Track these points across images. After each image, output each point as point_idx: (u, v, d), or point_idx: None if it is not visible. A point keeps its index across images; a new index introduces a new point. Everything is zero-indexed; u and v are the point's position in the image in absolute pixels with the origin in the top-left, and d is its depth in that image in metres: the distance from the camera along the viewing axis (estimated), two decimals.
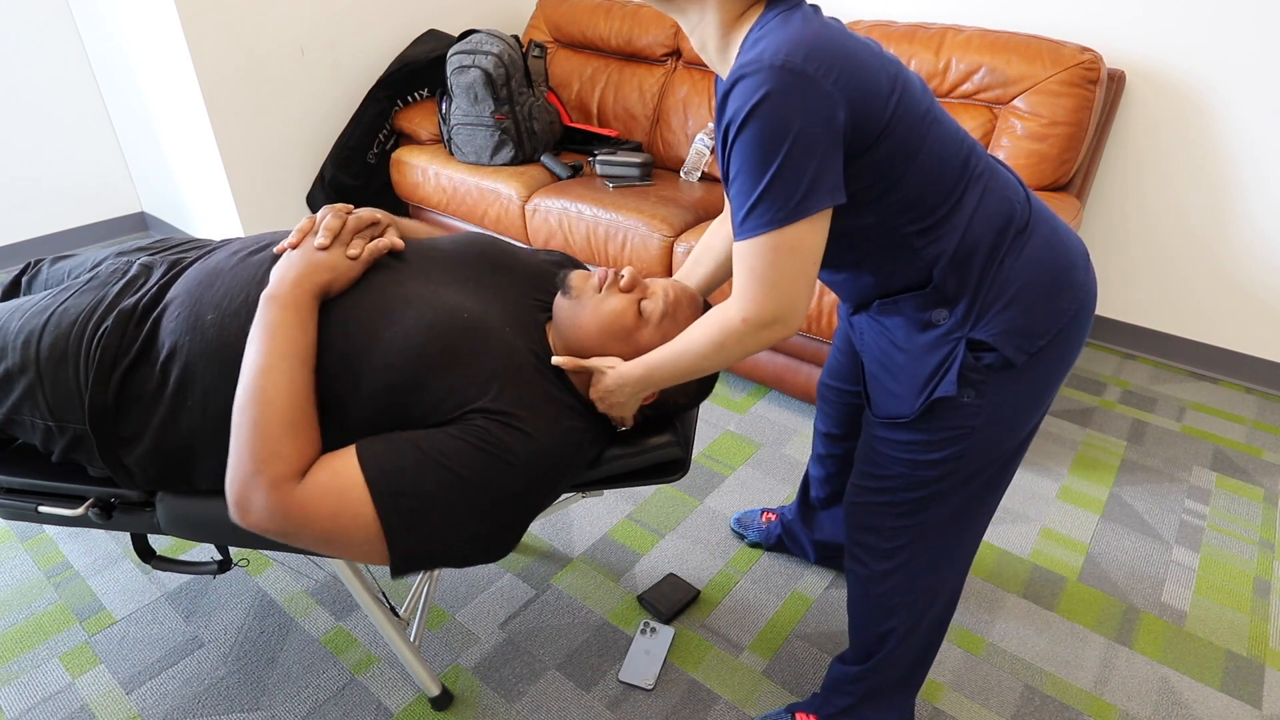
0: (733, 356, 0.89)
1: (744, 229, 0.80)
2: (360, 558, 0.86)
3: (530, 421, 0.90)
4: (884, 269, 0.91)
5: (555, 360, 0.99)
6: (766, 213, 0.77)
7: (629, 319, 1.00)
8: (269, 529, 0.83)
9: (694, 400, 1.10)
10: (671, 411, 1.10)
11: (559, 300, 1.03)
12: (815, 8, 0.82)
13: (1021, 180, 0.95)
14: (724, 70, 0.88)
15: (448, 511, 0.85)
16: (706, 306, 1.07)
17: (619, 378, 0.97)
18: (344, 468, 0.84)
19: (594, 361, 0.99)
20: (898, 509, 1.02)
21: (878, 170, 0.81)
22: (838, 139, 0.76)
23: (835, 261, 0.94)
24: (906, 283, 0.91)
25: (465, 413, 0.89)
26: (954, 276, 0.88)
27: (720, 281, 1.20)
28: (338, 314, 0.93)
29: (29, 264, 1.28)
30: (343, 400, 0.90)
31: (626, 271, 1.02)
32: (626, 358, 1.00)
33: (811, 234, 0.79)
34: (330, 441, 0.90)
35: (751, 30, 0.81)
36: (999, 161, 0.95)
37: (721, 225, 1.18)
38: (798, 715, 1.24)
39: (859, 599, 1.14)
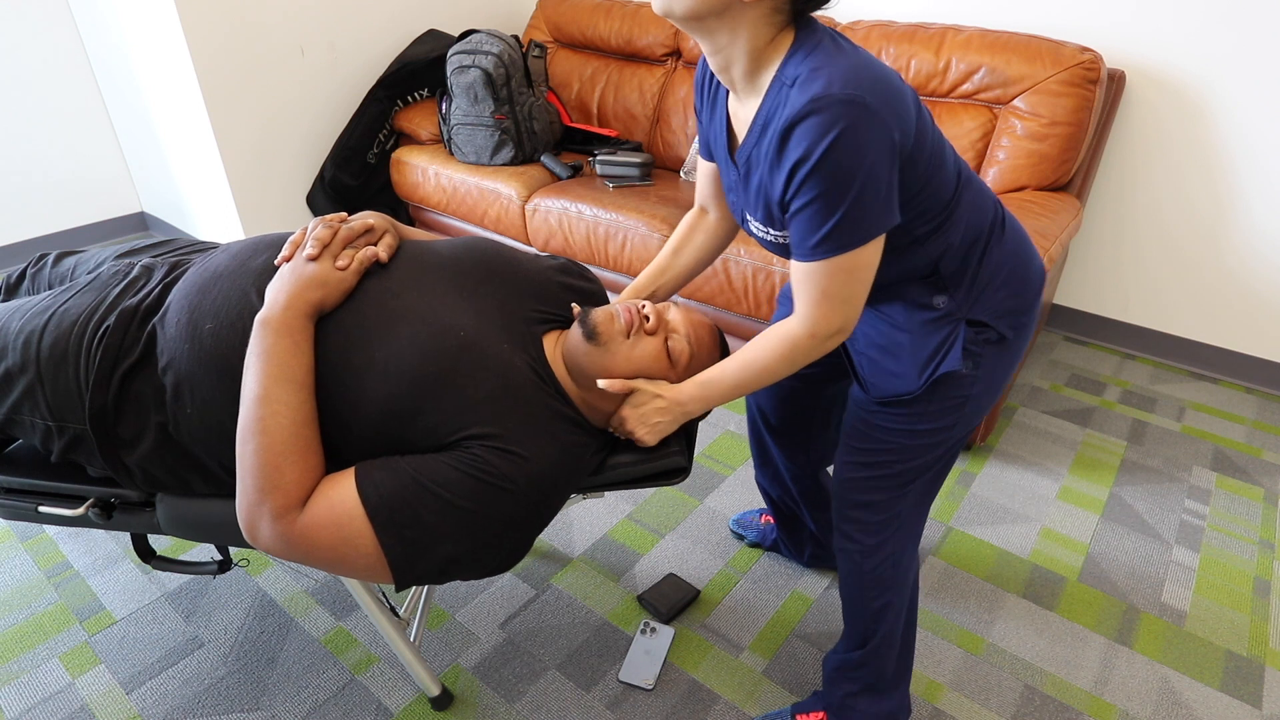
0: (797, 367, 0.95)
1: (814, 253, 0.85)
2: (365, 579, 0.87)
3: (529, 444, 0.90)
4: (893, 264, 0.95)
5: (601, 383, 0.98)
6: (843, 237, 0.83)
7: (661, 363, 1.01)
8: (277, 554, 0.85)
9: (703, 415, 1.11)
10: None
11: (581, 344, 1.00)
12: (833, 35, 0.85)
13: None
14: (748, 91, 0.89)
15: (449, 540, 0.86)
16: (721, 338, 1.09)
17: (672, 402, 0.99)
18: (344, 498, 0.84)
19: (641, 383, 1.00)
20: (891, 481, 1.07)
21: (907, 183, 0.86)
22: (896, 164, 0.82)
23: None
24: (911, 274, 0.97)
25: (463, 439, 0.88)
26: (954, 266, 0.96)
27: (698, 272, 1.24)
28: (333, 332, 0.92)
29: (35, 258, 1.28)
30: (343, 420, 0.90)
31: (650, 312, 1.01)
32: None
33: (874, 254, 0.86)
34: (333, 460, 0.90)
35: (792, 58, 0.83)
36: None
37: (701, 218, 1.21)
38: (799, 717, 1.24)
39: (852, 577, 1.16)
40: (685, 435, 1.13)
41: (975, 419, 1.04)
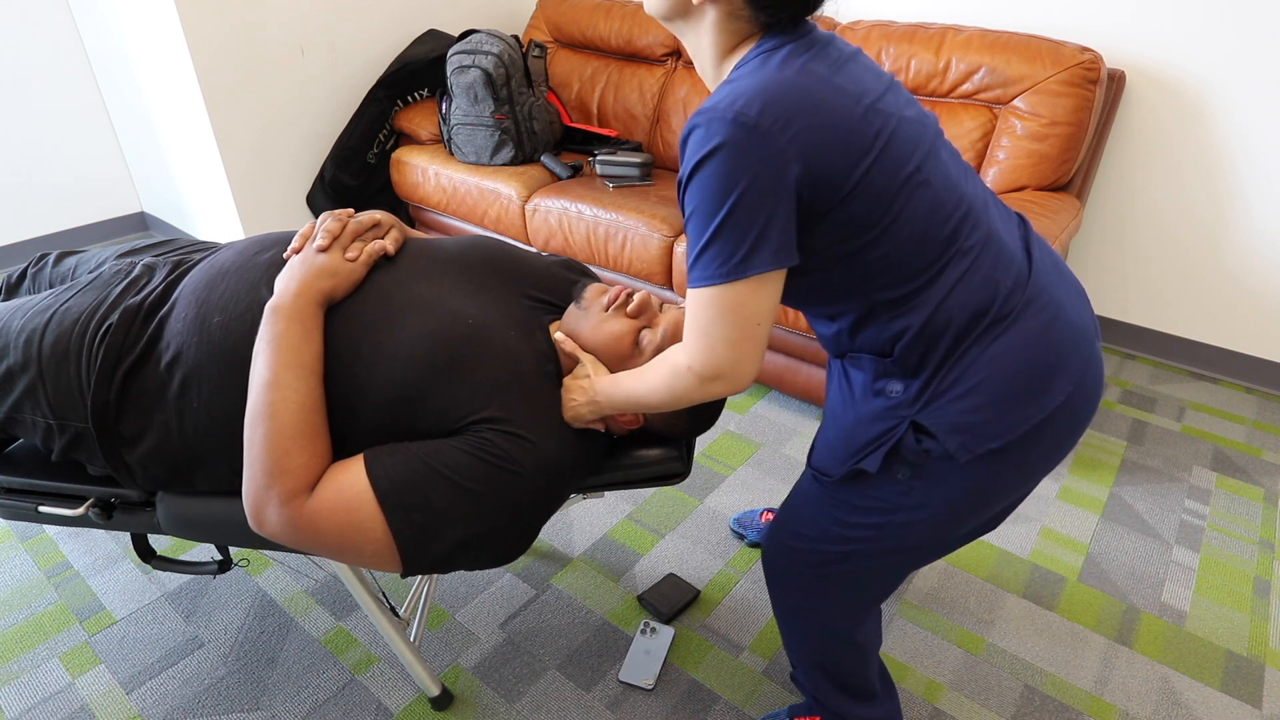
0: (682, 402, 0.86)
1: (691, 278, 0.78)
2: (372, 567, 0.88)
3: (535, 430, 0.91)
4: (854, 327, 0.86)
5: (556, 335, 1.01)
6: (709, 266, 0.75)
7: (624, 346, 1.00)
8: (284, 540, 0.85)
9: (685, 433, 1.10)
10: (664, 437, 1.10)
11: (571, 307, 1.04)
12: (808, 44, 0.78)
13: (1036, 248, 0.87)
14: None
15: (459, 524, 0.86)
16: None
17: (590, 387, 0.97)
18: (353, 482, 0.84)
19: (585, 358, 1.00)
20: (812, 558, 0.98)
21: (843, 231, 0.77)
22: (789, 197, 0.72)
23: (809, 305, 0.89)
24: (869, 346, 0.86)
25: (471, 423, 0.89)
26: (915, 354, 0.81)
27: None
28: (342, 320, 0.93)
29: (35, 258, 1.28)
30: (352, 407, 0.91)
31: (637, 296, 1.01)
32: None
33: (753, 297, 0.75)
34: (341, 448, 0.90)
35: (737, 65, 0.80)
36: (1021, 223, 0.90)
37: None
38: (797, 719, 1.24)
39: (780, 622, 1.12)
40: (684, 442, 1.13)
41: (912, 537, 0.89)
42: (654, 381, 0.88)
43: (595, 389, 0.96)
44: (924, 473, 0.84)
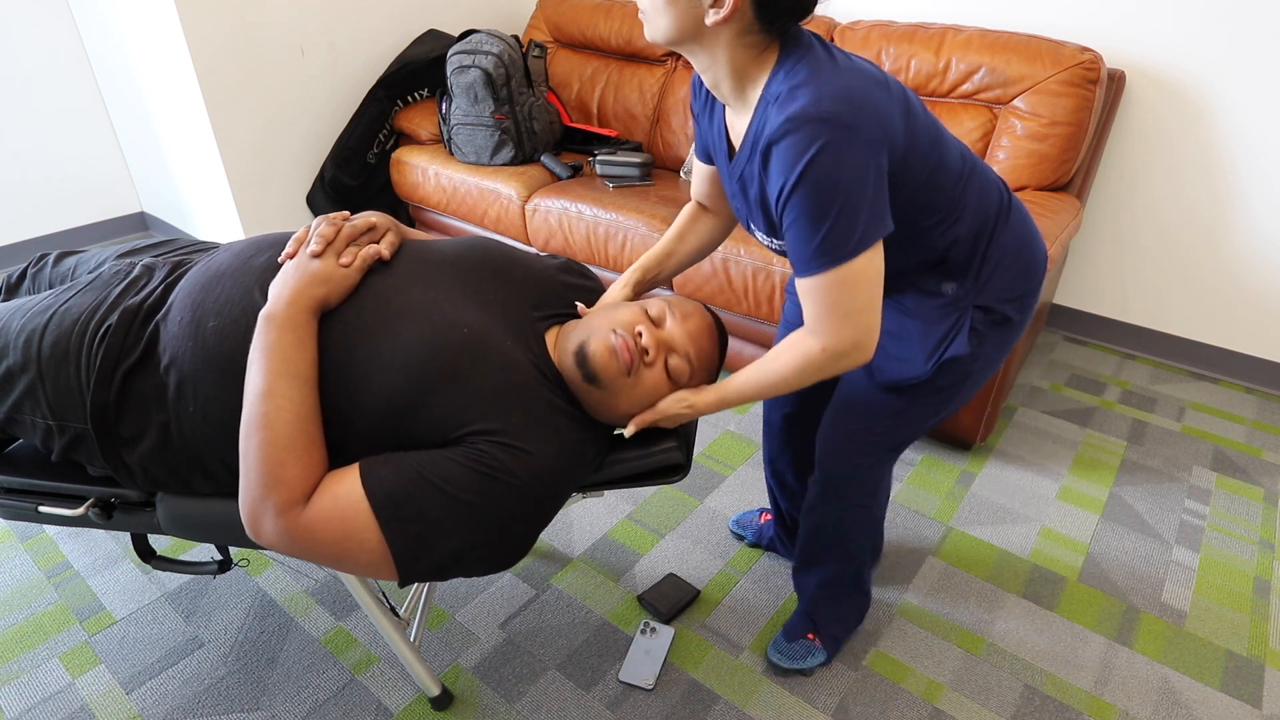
0: (811, 381, 0.95)
1: (810, 267, 0.86)
2: (369, 576, 0.87)
3: (531, 440, 0.90)
4: (903, 255, 0.98)
5: (627, 432, 1.03)
6: (830, 252, 0.84)
7: (665, 390, 1.01)
8: (280, 550, 0.85)
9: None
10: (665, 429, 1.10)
11: (580, 384, 0.98)
12: (824, 45, 0.87)
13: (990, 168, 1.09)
14: (740, 106, 0.92)
15: (454, 534, 0.86)
16: (720, 327, 1.08)
17: (698, 409, 1.01)
18: (348, 492, 0.84)
19: (665, 408, 1.01)
20: (883, 447, 1.15)
21: (904, 184, 0.89)
22: (884, 176, 0.84)
23: None
24: (920, 263, 1.01)
25: (466, 434, 0.89)
26: (963, 253, 1.00)
27: (700, 258, 1.26)
28: (337, 327, 0.92)
29: (35, 258, 1.28)
30: (347, 415, 0.90)
31: (647, 342, 0.97)
32: None
33: (872, 263, 0.86)
34: (336, 456, 0.90)
35: (775, 75, 0.85)
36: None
37: (700, 212, 1.22)
38: (808, 637, 1.36)
39: (835, 538, 1.28)
40: (684, 435, 1.13)
41: (971, 393, 1.11)
42: (783, 374, 0.95)
43: (702, 405, 1.01)
44: (987, 338, 1.04)
